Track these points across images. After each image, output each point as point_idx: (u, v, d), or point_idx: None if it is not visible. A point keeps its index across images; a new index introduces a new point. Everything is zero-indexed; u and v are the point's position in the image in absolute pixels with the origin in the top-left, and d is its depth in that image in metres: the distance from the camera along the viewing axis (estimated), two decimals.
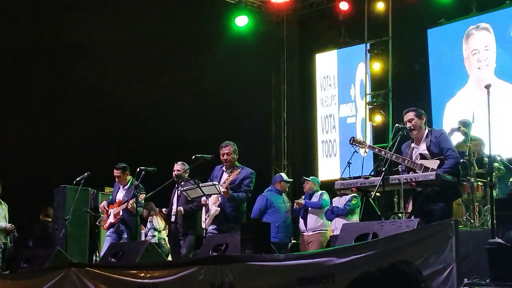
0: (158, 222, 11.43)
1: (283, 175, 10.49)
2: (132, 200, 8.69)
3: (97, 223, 9.51)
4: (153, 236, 11.64)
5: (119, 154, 10.82)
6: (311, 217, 9.95)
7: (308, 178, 10.32)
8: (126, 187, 9.20)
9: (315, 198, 10.01)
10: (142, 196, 8.65)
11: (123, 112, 12.52)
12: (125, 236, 8.98)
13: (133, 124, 12.60)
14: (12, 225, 10.41)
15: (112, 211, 9.13)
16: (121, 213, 9.01)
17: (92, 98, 12.27)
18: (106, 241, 9.18)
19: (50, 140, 11.85)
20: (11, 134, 11.48)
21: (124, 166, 9.26)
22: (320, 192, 10.08)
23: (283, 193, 10.15)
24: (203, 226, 7.91)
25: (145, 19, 12.57)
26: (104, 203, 9.35)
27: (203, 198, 7.87)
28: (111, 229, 9.11)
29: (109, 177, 9.35)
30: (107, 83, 12.29)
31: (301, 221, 10.10)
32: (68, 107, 12.18)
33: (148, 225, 11.62)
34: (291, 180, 10.99)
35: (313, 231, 9.89)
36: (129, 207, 8.80)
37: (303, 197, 10.30)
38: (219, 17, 13.64)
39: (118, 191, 9.30)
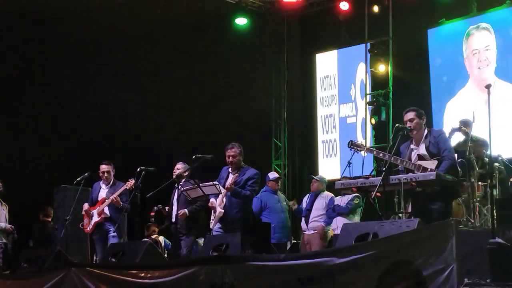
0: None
1: (272, 174, 10.30)
2: (116, 193, 8.58)
3: (80, 226, 9.10)
4: None
5: (119, 154, 10.81)
6: (313, 217, 9.88)
7: (316, 177, 10.26)
8: (109, 185, 9.01)
9: (320, 199, 9.93)
10: (130, 183, 8.44)
11: (123, 112, 12.51)
12: (111, 234, 8.69)
13: (133, 124, 12.60)
14: (12, 226, 10.37)
15: (95, 211, 8.87)
16: (106, 211, 8.80)
17: (92, 98, 12.26)
18: (97, 244, 8.96)
19: (50, 140, 11.84)
20: (11, 134, 11.47)
21: (111, 162, 9.06)
22: (326, 193, 9.99)
23: (279, 192, 10.13)
24: (211, 226, 7.91)
25: (145, 18, 12.57)
26: (86, 205, 8.99)
27: (212, 200, 7.86)
28: (97, 230, 8.88)
29: None
30: (107, 83, 12.29)
31: (303, 219, 10.08)
32: (68, 107, 12.17)
33: None
34: (279, 176, 10.58)
35: (314, 230, 9.83)
36: (113, 201, 8.60)
37: (294, 203, 10.28)
38: (219, 17, 13.63)
39: (99, 190, 9.02)
